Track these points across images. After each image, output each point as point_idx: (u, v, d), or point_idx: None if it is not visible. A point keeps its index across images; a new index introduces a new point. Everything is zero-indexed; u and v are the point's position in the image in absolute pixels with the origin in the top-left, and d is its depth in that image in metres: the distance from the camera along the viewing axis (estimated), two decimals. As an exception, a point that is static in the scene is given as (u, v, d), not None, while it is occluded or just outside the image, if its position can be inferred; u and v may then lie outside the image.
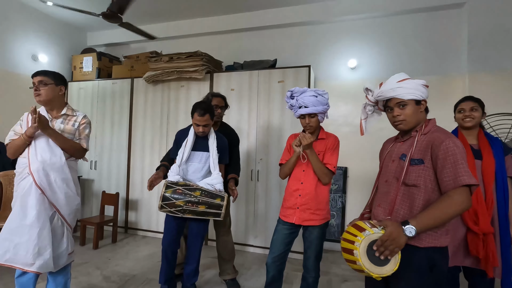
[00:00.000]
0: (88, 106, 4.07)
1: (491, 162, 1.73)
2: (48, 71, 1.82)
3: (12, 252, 1.62)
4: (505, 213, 1.71)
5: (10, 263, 1.63)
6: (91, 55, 4.10)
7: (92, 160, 4.00)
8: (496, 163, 1.73)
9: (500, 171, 1.73)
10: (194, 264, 2.13)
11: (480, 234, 1.65)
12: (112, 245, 3.39)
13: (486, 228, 1.65)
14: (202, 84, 3.54)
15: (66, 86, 1.90)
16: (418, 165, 1.19)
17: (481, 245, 1.65)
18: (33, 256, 1.63)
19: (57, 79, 1.83)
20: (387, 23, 3.42)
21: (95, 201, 3.97)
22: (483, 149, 1.77)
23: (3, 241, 1.63)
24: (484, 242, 1.65)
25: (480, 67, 3.00)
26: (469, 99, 1.88)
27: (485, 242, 1.65)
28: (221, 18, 3.96)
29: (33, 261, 1.63)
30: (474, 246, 1.67)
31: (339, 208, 3.45)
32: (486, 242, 1.65)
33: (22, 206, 1.65)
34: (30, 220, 1.63)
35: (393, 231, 1.08)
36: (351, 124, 3.48)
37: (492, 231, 1.66)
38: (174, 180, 2.02)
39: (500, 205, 1.71)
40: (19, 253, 1.62)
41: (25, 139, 1.69)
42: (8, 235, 1.63)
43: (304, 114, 1.77)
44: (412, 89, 1.23)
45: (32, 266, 1.64)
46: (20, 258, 1.63)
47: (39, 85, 1.77)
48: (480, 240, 1.65)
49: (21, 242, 1.62)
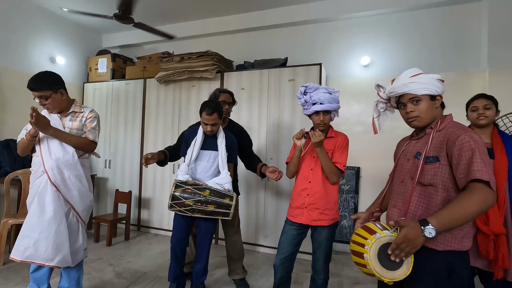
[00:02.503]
0: (103, 106, 4.17)
1: (503, 160, 1.67)
2: (41, 82, 1.72)
3: (33, 249, 1.67)
4: None
5: (30, 259, 1.69)
6: (106, 57, 4.20)
7: (106, 159, 4.10)
8: (509, 161, 1.67)
9: None
10: (203, 263, 2.14)
11: (491, 235, 1.59)
12: (125, 242, 3.46)
13: (498, 229, 1.58)
14: (213, 84, 3.55)
15: (63, 84, 1.83)
16: (433, 163, 1.13)
17: (492, 246, 1.59)
18: (53, 252, 1.69)
19: (52, 85, 1.75)
20: (401, 18, 3.31)
21: (109, 199, 4.07)
22: (496, 147, 1.71)
23: (23, 238, 1.69)
24: (495, 243, 1.59)
25: (500, 62, 2.85)
26: (482, 96, 1.83)
27: (496, 244, 1.59)
28: (232, 18, 3.96)
29: (53, 256, 1.69)
30: (485, 247, 1.61)
31: (351, 209, 3.38)
32: (498, 243, 1.58)
33: (40, 203, 1.70)
34: (48, 216, 1.69)
35: (409, 233, 1.00)
36: (364, 123, 3.40)
37: (504, 232, 1.59)
38: (184, 179, 2.03)
39: None
40: (39, 249, 1.67)
41: (29, 138, 1.72)
42: (28, 232, 1.69)
43: (319, 111, 1.74)
44: (426, 84, 1.18)
45: (52, 261, 1.70)
46: (40, 254, 1.68)
47: (41, 100, 1.76)
48: (490, 241, 1.59)
49: (41, 238, 1.67)
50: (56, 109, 1.82)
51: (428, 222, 1.01)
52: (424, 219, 1.02)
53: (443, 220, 1.00)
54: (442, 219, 1.00)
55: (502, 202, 1.63)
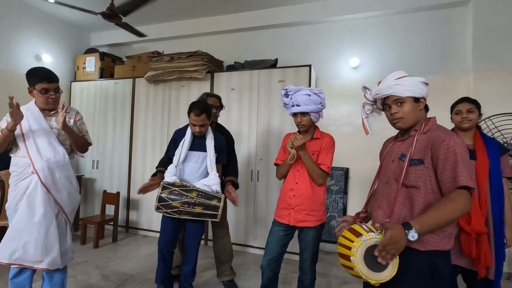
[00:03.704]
0: (91, 106, 4.10)
1: (485, 162, 1.71)
2: (54, 74, 1.77)
3: (21, 251, 1.64)
4: (500, 213, 1.68)
5: (19, 262, 1.65)
6: (94, 55, 4.13)
7: (94, 160, 4.03)
8: (490, 163, 1.71)
9: (495, 171, 1.71)
10: (191, 265, 2.12)
11: (473, 234, 1.63)
12: (113, 244, 3.41)
13: (479, 228, 1.62)
14: (203, 84, 3.53)
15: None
16: (418, 165, 1.16)
17: (474, 245, 1.62)
18: (42, 254, 1.65)
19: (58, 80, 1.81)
20: (389, 21, 3.36)
21: (96, 200, 4.00)
22: (478, 149, 1.75)
23: (10, 240, 1.64)
24: (477, 242, 1.63)
25: (485, 66, 2.92)
26: (465, 100, 1.86)
27: (478, 242, 1.62)
28: (222, 18, 3.95)
29: (42, 258, 1.66)
30: (467, 246, 1.64)
31: (340, 209, 3.41)
32: (479, 242, 1.62)
33: (30, 205, 1.66)
34: (38, 218, 1.65)
35: (394, 235, 1.03)
36: (353, 124, 3.43)
37: (486, 231, 1.63)
38: (171, 181, 2.01)
39: (495, 205, 1.69)
40: (28, 252, 1.64)
41: (5, 133, 1.61)
42: (16, 234, 1.64)
43: (296, 113, 1.76)
44: (410, 86, 1.20)
45: (41, 263, 1.67)
46: (29, 256, 1.64)
47: (55, 92, 1.75)
48: (473, 240, 1.63)
49: (30, 240, 1.64)
50: (57, 105, 1.81)
51: (411, 226, 1.04)
52: (408, 222, 1.05)
53: (425, 224, 1.04)
54: (424, 224, 1.04)
55: (484, 202, 1.67)
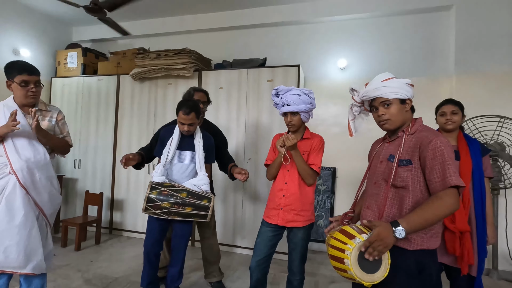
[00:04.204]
0: (73, 103, 3.95)
1: (468, 162, 1.76)
2: (36, 68, 1.72)
3: (3, 256, 1.56)
4: (482, 212, 1.74)
5: (1, 268, 1.57)
6: (76, 51, 3.98)
7: (76, 159, 3.89)
8: (473, 163, 1.76)
9: (477, 171, 1.76)
10: (178, 266, 2.08)
11: (457, 232, 1.67)
12: (96, 246, 3.30)
13: (463, 226, 1.67)
14: (191, 82, 3.47)
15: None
16: (406, 166, 1.17)
17: (458, 243, 1.67)
18: (25, 258, 1.58)
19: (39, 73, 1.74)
20: (376, 24, 3.42)
21: (78, 201, 3.86)
22: (461, 150, 1.80)
23: None
24: (460, 240, 1.67)
25: (466, 69, 3.03)
26: (450, 102, 1.91)
27: (462, 240, 1.67)
28: (210, 16, 3.90)
29: (25, 263, 1.59)
30: (451, 244, 1.68)
31: (327, 209, 3.44)
32: (463, 240, 1.67)
33: (8, 207, 1.58)
34: (18, 221, 1.58)
35: (381, 232, 1.04)
36: (340, 124, 3.47)
37: (469, 229, 1.68)
38: (159, 181, 1.95)
39: (477, 204, 1.74)
40: (10, 257, 1.56)
41: None
42: None
43: (286, 112, 1.76)
44: (396, 88, 1.22)
45: (25, 268, 1.59)
46: (11, 262, 1.57)
47: (35, 86, 1.69)
48: (457, 239, 1.67)
49: (11, 245, 1.56)
50: (37, 99, 1.74)
51: (398, 223, 1.06)
52: (395, 220, 1.07)
53: (413, 222, 1.06)
54: (412, 222, 1.06)
55: (467, 201, 1.73)
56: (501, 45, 2.93)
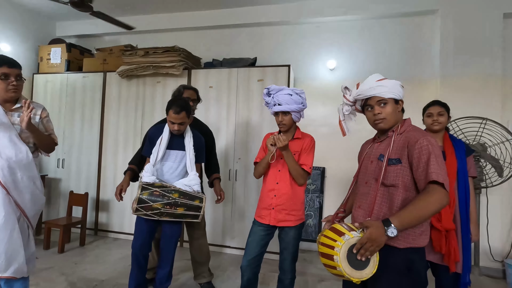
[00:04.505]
0: (56, 100, 3.82)
1: (453, 162, 1.80)
2: (17, 62, 1.65)
3: None
4: (466, 211, 1.79)
5: None
6: (60, 46, 3.85)
7: (59, 158, 3.76)
8: (458, 163, 1.81)
9: (462, 171, 1.81)
10: (167, 268, 2.04)
11: (443, 230, 1.71)
12: (80, 248, 3.20)
13: (448, 225, 1.71)
14: (180, 81, 3.42)
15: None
16: (395, 165, 1.19)
17: (444, 241, 1.71)
18: (6, 261, 1.52)
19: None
20: (365, 26, 3.48)
21: (62, 201, 3.74)
22: (447, 150, 1.85)
23: None
24: (446, 238, 1.72)
25: (451, 72, 3.12)
26: (436, 103, 1.96)
27: (448, 239, 1.71)
28: (200, 14, 3.85)
29: (6, 267, 1.53)
30: (438, 243, 1.72)
31: (316, 208, 3.47)
32: (448, 238, 1.71)
33: None
34: None
35: (373, 232, 1.05)
36: (329, 124, 3.51)
37: (454, 227, 1.73)
38: (150, 181, 1.91)
39: (462, 203, 1.79)
40: None
41: None
42: None
43: (278, 112, 1.76)
44: (391, 88, 1.24)
45: (6, 271, 1.53)
46: None
47: (16, 80, 1.62)
48: (443, 237, 1.71)
49: None
50: (18, 94, 1.67)
51: (390, 222, 1.07)
52: (387, 219, 1.08)
53: (404, 220, 1.07)
54: (403, 219, 1.07)
55: (452, 200, 1.77)
56: (483, 50, 3.04)
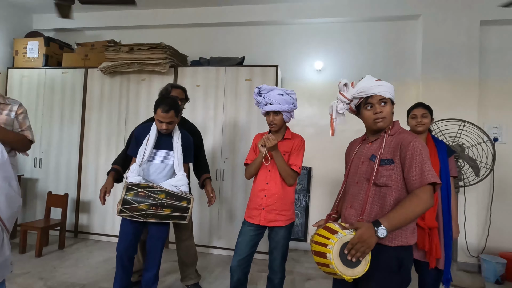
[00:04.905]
0: (33, 97, 3.64)
1: (435, 162, 1.87)
2: None
3: None
4: (448, 209, 1.86)
5: None
6: (38, 40, 3.67)
7: (36, 157, 3.59)
8: (440, 163, 1.88)
9: (444, 171, 1.88)
10: (154, 270, 1.99)
11: (426, 228, 1.77)
12: (59, 251, 3.06)
13: (432, 223, 1.78)
14: (166, 79, 3.35)
15: None
16: (388, 165, 1.21)
17: (427, 239, 1.77)
18: None
19: None
20: (351, 28, 3.54)
21: (39, 203, 3.56)
22: (429, 151, 1.89)
23: None
24: (429, 236, 1.77)
25: (432, 75, 3.23)
26: (420, 105, 2.02)
27: (430, 236, 1.77)
28: (187, 11, 3.79)
29: None
30: (421, 240, 1.78)
31: (303, 208, 3.51)
32: (431, 236, 1.77)
33: None
34: None
35: (364, 233, 1.07)
36: (316, 125, 3.55)
37: (437, 225, 1.80)
38: (135, 182, 1.85)
39: (444, 202, 1.86)
40: None
41: None
42: None
43: (269, 111, 1.77)
44: (389, 89, 1.27)
45: None
46: None
47: None
48: (426, 234, 1.77)
49: None
50: None
51: (380, 223, 1.09)
52: (377, 220, 1.10)
53: (394, 221, 1.10)
54: (393, 221, 1.10)
55: (435, 199, 1.85)
56: (462, 55, 3.17)
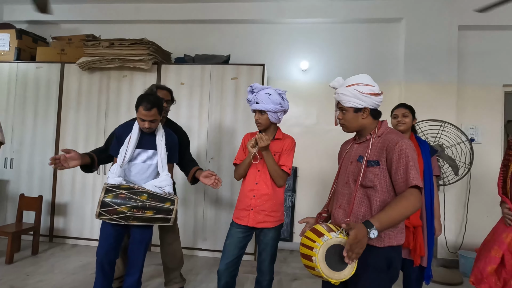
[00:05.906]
0: (4, 92, 3.41)
1: (420, 162, 1.90)
2: None
3: None
4: (431, 208, 1.90)
5: None
6: (9, 32, 3.45)
7: (7, 157, 3.36)
8: (424, 163, 1.92)
9: (427, 170, 1.92)
10: (136, 275, 1.90)
11: (411, 227, 1.80)
12: (33, 257, 2.88)
13: (416, 221, 1.81)
14: (148, 76, 3.24)
15: None
16: (374, 166, 1.22)
17: (412, 237, 1.80)
18: None
19: None
20: (336, 29, 3.57)
21: (10, 206, 3.34)
22: None
23: None
24: (413, 234, 1.81)
25: (414, 77, 3.32)
26: (401, 106, 2.08)
27: (415, 235, 1.81)
28: (172, 6, 3.68)
29: None
30: (406, 239, 1.79)
31: (288, 207, 3.50)
32: (416, 234, 1.81)
33: None
34: None
35: (358, 233, 1.05)
36: (301, 125, 3.56)
37: (421, 224, 1.83)
38: (115, 183, 1.76)
39: (427, 200, 1.90)
40: None
41: None
42: None
43: (255, 110, 1.76)
44: (352, 98, 1.27)
45: None
46: None
47: None
48: (410, 233, 1.80)
49: None
50: None
51: (372, 224, 1.08)
52: (368, 221, 1.09)
53: (384, 222, 1.10)
54: (383, 221, 1.10)
55: None
56: (443, 58, 3.28)
